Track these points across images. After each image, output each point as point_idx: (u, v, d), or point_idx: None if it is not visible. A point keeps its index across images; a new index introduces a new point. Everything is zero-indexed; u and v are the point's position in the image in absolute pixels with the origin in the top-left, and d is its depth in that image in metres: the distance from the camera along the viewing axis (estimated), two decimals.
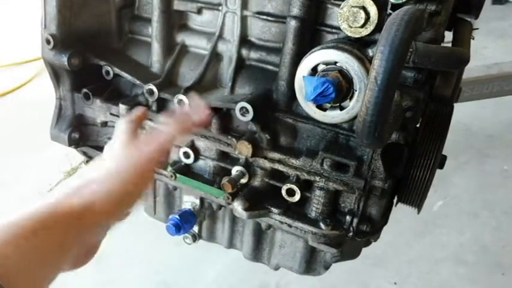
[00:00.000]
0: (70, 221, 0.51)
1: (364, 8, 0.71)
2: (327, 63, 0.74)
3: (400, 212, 1.12)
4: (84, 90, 1.00)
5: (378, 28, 0.71)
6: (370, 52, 0.73)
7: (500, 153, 2.33)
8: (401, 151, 0.85)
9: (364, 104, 0.59)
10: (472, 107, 2.25)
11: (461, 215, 2.02)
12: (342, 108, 0.76)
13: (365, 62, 0.72)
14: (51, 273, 0.50)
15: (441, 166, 0.94)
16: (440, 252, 1.86)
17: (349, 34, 0.73)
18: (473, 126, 2.49)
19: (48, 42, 0.94)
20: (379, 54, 0.57)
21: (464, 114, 2.37)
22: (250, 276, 1.73)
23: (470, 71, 2.05)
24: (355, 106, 0.74)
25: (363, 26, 0.72)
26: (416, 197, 0.89)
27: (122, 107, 0.96)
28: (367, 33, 0.72)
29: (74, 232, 0.51)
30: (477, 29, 0.93)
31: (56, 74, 1.01)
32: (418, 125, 0.90)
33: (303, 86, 0.75)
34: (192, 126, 0.71)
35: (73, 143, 1.05)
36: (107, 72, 0.99)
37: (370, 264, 1.78)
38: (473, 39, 0.94)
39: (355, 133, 0.63)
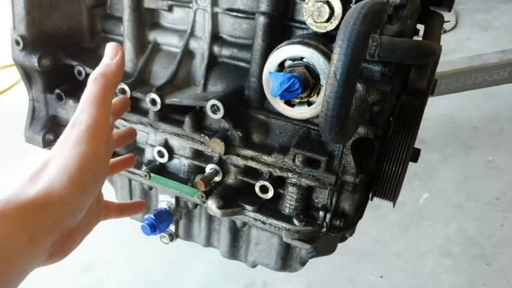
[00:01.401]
0: (29, 212, 0.47)
1: (328, 3, 0.71)
2: (293, 59, 0.74)
3: (386, 206, 1.13)
4: (57, 91, 0.99)
5: None
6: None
7: (484, 145, 2.34)
8: (373, 145, 0.85)
9: (324, 99, 0.59)
10: (456, 99, 2.26)
11: (447, 207, 2.03)
12: (309, 104, 0.76)
13: (330, 57, 0.71)
14: (20, 270, 0.46)
15: (414, 159, 0.94)
16: (426, 245, 1.88)
17: (315, 29, 0.73)
18: (457, 118, 2.50)
19: (17, 43, 0.93)
20: (337, 49, 0.57)
21: (449, 106, 2.39)
22: (237, 274, 1.74)
23: (454, 63, 2.06)
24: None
25: (327, 20, 0.71)
26: (389, 191, 0.89)
27: None
28: (332, 28, 0.72)
29: (34, 222, 0.47)
30: (448, 21, 0.93)
31: (27, 75, 1.00)
32: (390, 118, 0.90)
33: (270, 82, 0.75)
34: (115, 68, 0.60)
35: (48, 144, 1.04)
36: (79, 72, 0.98)
37: (356, 259, 1.79)
38: (444, 31, 0.94)
39: (319, 128, 0.63)
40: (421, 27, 1.03)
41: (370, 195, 0.93)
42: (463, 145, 2.35)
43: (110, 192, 1.10)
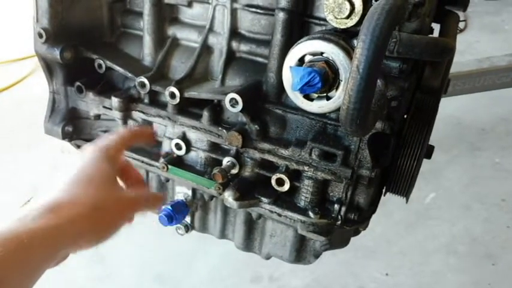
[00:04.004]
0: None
1: (349, 0, 0.73)
2: (313, 54, 0.76)
3: (393, 204, 1.14)
4: (77, 83, 1.01)
5: (363, 19, 0.72)
6: (355, 43, 0.74)
7: (492, 146, 2.35)
8: (389, 140, 0.87)
9: (347, 92, 0.60)
10: (464, 101, 2.27)
11: (453, 207, 2.04)
12: (328, 98, 0.78)
13: (350, 52, 0.73)
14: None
15: (428, 156, 0.96)
16: (432, 244, 1.89)
17: (335, 25, 0.75)
18: (465, 119, 2.51)
19: (40, 36, 0.95)
20: (360, 43, 0.58)
21: (457, 107, 2.39)
22: (243, 268, 1.75)
23: (463, 65, 2.07)
24: (341, 96, 0.75)
25: (348, 17, 0.73)
26: (403, 186, 0.90)
27: (115, 100, 0.97)
28: (352, 24, 0.74)
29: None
30: (464, 20, 0.94)
31: (48, 67, 1.02)
32: (406, 115, 0.92)
33: (290, 77, 0.77)
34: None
35: (66, 136, 1.06)
36: (100, 66, 1.00)
37: (362, 256, 1.80)
38: (459, 31, 0.96)
39: (340, 121, 0.65)
40: (436, 27, 1.04)
41: (384, 190, 0.95)
42: (470, 146, 2.36)
43: None
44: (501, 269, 1.78)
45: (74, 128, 1.07)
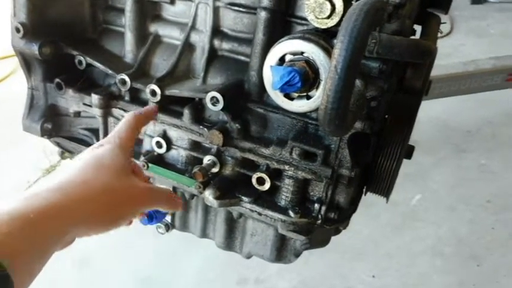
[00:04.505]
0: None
1: (330, 0, 0.72)
2: (294, 53, 0.75)
3: (379, 206, 1.14)
4: (57, 80, 1.00)
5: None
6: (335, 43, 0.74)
7: (477, 148, 2.37)
8: (369, 140, 0.87)
9: (325, 92, 0.60)
10: (450, 103, 2.28)
11: (439, 209, 2.06)
12: (308, 98, 0.77)
13: (331, 52, 0.73)
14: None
15: (408, 156, 0.96)
16: (418, 245, 1.90)
17: (316, 25, 0.74)
18: (451, 122, 2.53)
19: (17, 30, 0.94)
20: (338, 44, 0.58)
21: (443, 110, 2.41)
22: (230, 271, 1.74)
23: (449, 68, 2.09)
24: (321, 95, 0.75)
25: (329, 17, 0.73)
26: (383, 186, 0.91)
27: (95, 97, 0.96)
28: (333, 24, 0.73)
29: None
30: (445, 23, 0.95)
31: (27, 63, 1.01)
32: (386, 116, 0.92)
33: (271, 76, 0.76)
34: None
35: (46, 133, 1.05)
36: (80, 62, 0.99)
37: (349, 258, 1.81)
38: (441, 33, 0.96)
39: (318, 121, 0.64)
40: (417, 28, 1.04)
41: (364, 190, 0.95)
42: (456, 148, 2.38)
43: None
44: (486, 270, 1.80)
45: (53, 125, 1.05)
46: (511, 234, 1.94)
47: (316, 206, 0.86)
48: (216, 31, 0.92)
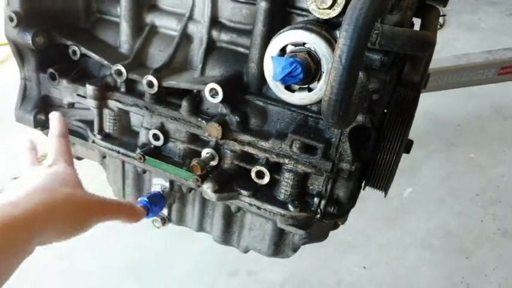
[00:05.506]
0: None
1: None
2: (295, 44, 0.74)
3: (371, 199, 1.14)
4: (50, 70, 0.97)
5: (346, 10, 0.71)
6: (337, 33, 0.73)
7: (467, 142, 2.40)
8: (369, 134, 0.86)
9: (329, 83, 0.59)
10: (440, 97, 2.30)
11: (429, 202, 2.08)
12: (310, 90, 0.76)
13: (332, 43, 0.72)
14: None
15: (407, 150, 0.96)
16: (409, 238, 1.92)
17: (318, 15, 0.73)
18: (442, 115, 2.56)
19: (11, 19, 0.91)
20: (343, 33, 0.57)
21: (433, 103, 2.43)
22: (221, 262, 1.74)
23: (440, 61, 2.10)
24: (323, 87, 0.74)
25: (330, 7, 0.72)
26: (382, 181, 0.90)
27: (90, 88, 0.93)
28: (335, 15, 0.72)
29: None
30: (444, 15, 0.95)
31: (20, 53, 0.98)
32: (385, 110, 0.92)
33: (272, 67, 0.75)
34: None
35: (39, 124, 1.02)
36: (74, 52, 0.96)
37: (340, 250, 1.82)
38: (440, 25, 0.96)
39: (321, 113, 0.64)
40: (416, 21, 1.04)
41: (363, 184, 0.95)
42: (446, 142, 2.40)
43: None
44: (474, 263, 1.82)
45: (47, 116, 1.02)
46: (499, 227, 1.97)
47: (316, 200, 0.86)
48: (214, 22, 0.91)
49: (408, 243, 1.89)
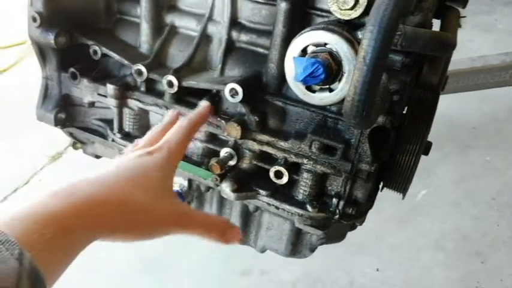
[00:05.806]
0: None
1: None
2: (316, 45, 0.74)
3: (385, 200, 1.14)
4: (71, 69, 0.99)
5: (367, 11, 0.71)
6: (359, 34, 0.73)
7: (483, 145, 2.37)
8: (388, 135, 0.86)
9: (352, 83, 0.59)
10: (456, 99, 2.28)
11: (444, 204, 2.06)
12: (331, 90, 0.77)
13: (354, 44, 0.72)
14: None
15: (426, 152, 0.96)
16: (422, 240, 1.90)
17: (339, 16, 0.74)
18: (457, 118, 2.53)
19: (34, 20, 0.93)
20: (368, 34, 0.57)
21: (449, 106, 2.40)
22: (234, 262, 1.75)
23: (456, 64, 2.08)
24: (343, 88, 0.75)
25: (352, 8, 0.72)
26: (401, 182, 0.90)
27: (110, 87, 0.95)
28: (356, 16, 0.73)
29: None
30: (464, 16, 0.94)
31: (42, 52, 0.99)
32: (404, 111, 0.92)
33: (293, 67, 0.76)
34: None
35: (59, 123, 1.04)
36: (95, 52, 0.98)
37: (353, 251, 1.81)
38: (460, 26, 0.95)
39: (343, 113, 0.64)
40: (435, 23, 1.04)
41: (381, 185, 0.95)
42: (461, 144, 2.38)
43: None
44: (490, 267, 1.80)
45: (67, 115, 1.04)
46: None
47: (334, 200, 0.86)
48: (234, 22, 0.91)
49: (422, 245, 1.88)
